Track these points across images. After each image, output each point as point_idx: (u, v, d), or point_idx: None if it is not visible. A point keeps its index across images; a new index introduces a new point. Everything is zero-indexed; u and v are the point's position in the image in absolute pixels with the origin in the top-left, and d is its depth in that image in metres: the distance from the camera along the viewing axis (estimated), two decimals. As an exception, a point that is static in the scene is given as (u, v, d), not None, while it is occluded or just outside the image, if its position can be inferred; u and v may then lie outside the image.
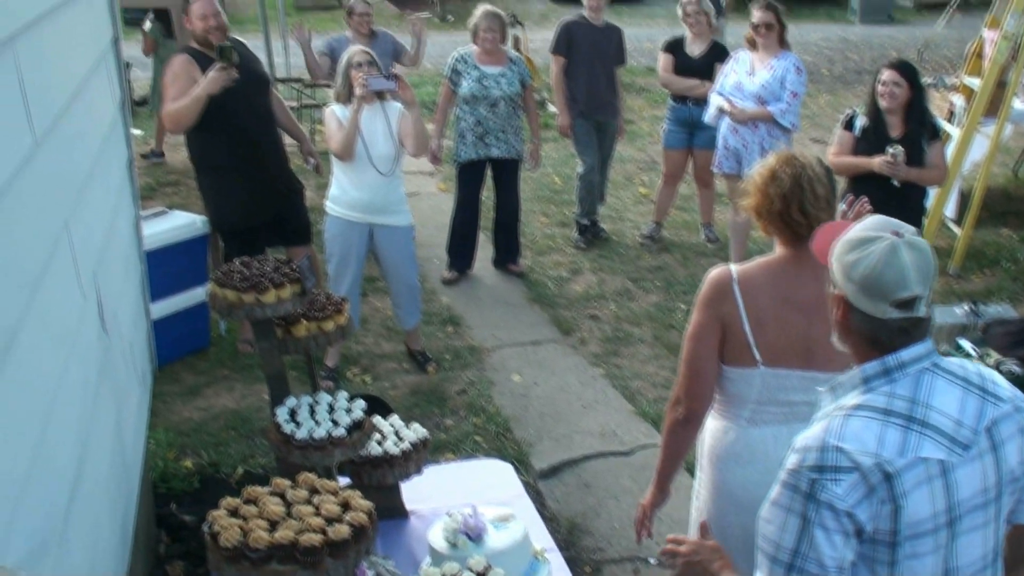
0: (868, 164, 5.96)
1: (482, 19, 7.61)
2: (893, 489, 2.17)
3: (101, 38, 4.55)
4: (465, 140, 7.71)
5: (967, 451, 2.23)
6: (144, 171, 10.51)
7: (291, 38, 8.47)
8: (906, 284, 2.22)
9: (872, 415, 2.23)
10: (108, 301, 3.83)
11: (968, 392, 2.29)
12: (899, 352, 2.27)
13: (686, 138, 8.40)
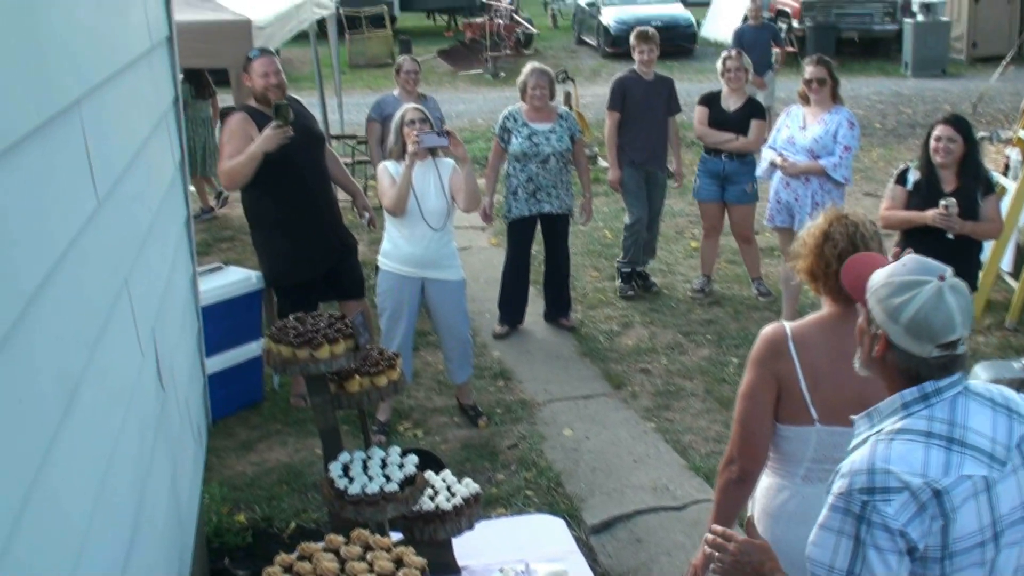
0: (921, 218, 5.93)
1: (530, 76, 7.68)
2: (943, 505, 2.24)
3: (162, 99, 4.66)
4: (517, 197, 7.77)
5: (1004, 467, 2.33)
6: (200, 227, 10.67)
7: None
8: (953, 327, 2.31)
9: (915, 437, 2.31)
10: (165, 356, 3.89)
11: (997, 412, 2.38)
12: (938, 380, 2.36)
13: (718, 191, 8.41)
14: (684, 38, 23.73)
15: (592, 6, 25.18)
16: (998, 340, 7.61)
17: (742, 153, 8.25)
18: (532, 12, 29.16)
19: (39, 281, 2.19)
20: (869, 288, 2.49)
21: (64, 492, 2.29)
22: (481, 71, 22.16)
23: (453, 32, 28.34)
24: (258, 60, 6.16)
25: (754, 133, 8.16)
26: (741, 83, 8.32)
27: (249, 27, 6.63)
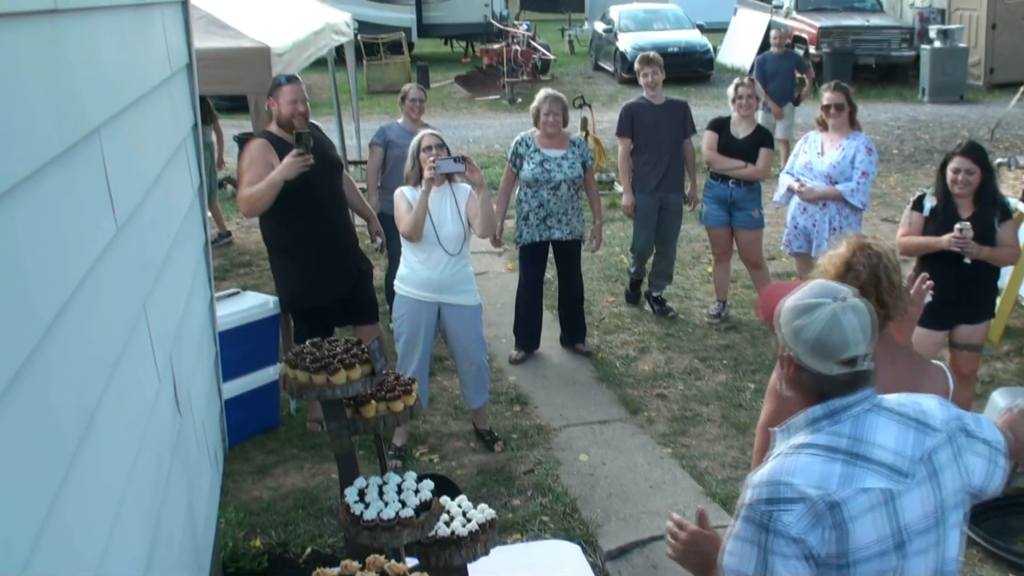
0: (937, 243, 5.91)
1: (543, 102, 7.70)
2: (837, 516, 2.37)
3: (181, 126, 4.71)
4: (528, 222, 7.79)
5: (909, 479, 2.45)
6: (218, 252, 10.73)
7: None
8: (849, 346, 2.47)
9: (817, 452, 2.45)
10: (182, 381, 3.91)
11: (906, 426, 2.51)
12: (844, 398, 2.49)
13: (725, 217, 8.40)
14: (701, 64, 23.82)
15: (609, 32, 25.29)
16: (1017, 367, 7.58)
17: (749, 180, 8.26)
18: (549, 38, 29.29)
19: (58, 306, 2.21)
20: (776, 313, 2.63)
21: (82, 516, 2.30)
22: (498, 97, 22.25)
23: (470, 58, 28.53)
24: (287, 87, 6.21)
25: (763, 161, 8.17)
26: (752, 110, 8.34)
27: (268, 54, 6.68)
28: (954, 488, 2.52)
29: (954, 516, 2.53)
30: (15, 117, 2.02)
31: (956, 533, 2.55)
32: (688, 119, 8.70)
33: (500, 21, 27.72)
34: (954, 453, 2.55)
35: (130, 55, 3.49)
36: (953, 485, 2.52)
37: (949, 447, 2.55)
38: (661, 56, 8.84)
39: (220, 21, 6.75)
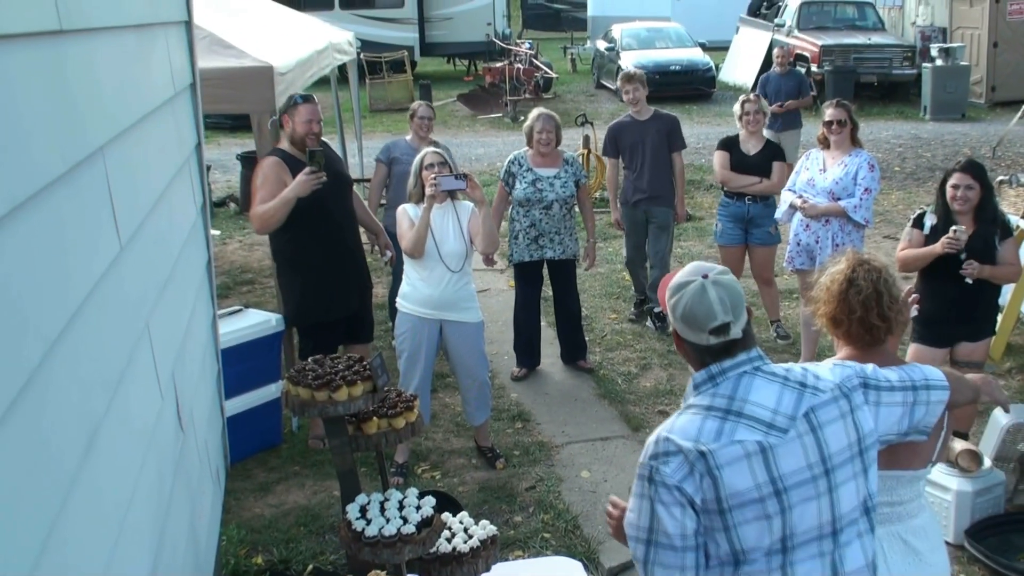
0: (932, 250, 5.92)
1: (536, 121, 7.72)
2: (708, 464, 2.63)
3: (185, 145, 4.74)
4: (518, 242, 7.81)
5: (785, 434, 2.68)
6: (221, 270, 10.76)
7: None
8: (714, 316, 2.72)
9: (697, 411, 2.73)
10: (185, 399, 3.92)
11: (786, 387, 2.75)
12: (721, 362, 2.76)
13: (741, 235, 8.42)
14: (703, 82, 23.87)
15: (611, 51, 25.35)
16: (1019, 384, 7.58)
17: (765, 195, 8.28)
18: (552, 57, 29.36)
19: (62, 324, 2.23)
20: (662, 295, 2.87)
21: (84, 533, 2.32)
22: (500, 115, 22.31)
23: (473, 76, 28.61)
24: (304, 106, 6.26)
25: (777, 175, 8.17)
26: (759, 126, 8.36)
27: (271, 73, 6.70)
28: (848, 442, 2.76)
29: (850, 467, 2.75)
30: (19, 137, 2.04)
31: (853, 484, 2.76)
32: (675, 133, 8.72)
33: (502, 40, 27.79)
34: (842, 411, 2.78)
35: (134, 75, 3.52)
36: (843, 440, 2.75)
37: (835, 406, 2.77)
38: (663, 74, 8.91)
39: (223, 41, 6.78)
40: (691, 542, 2.67)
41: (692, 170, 15.77)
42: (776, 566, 2.69)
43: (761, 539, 2.67)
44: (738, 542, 2.67)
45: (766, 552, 2.68)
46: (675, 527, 2.66)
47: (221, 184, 15.30)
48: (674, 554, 2.68)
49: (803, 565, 2.70)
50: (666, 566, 2.70)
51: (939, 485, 5.58)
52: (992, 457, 5.86)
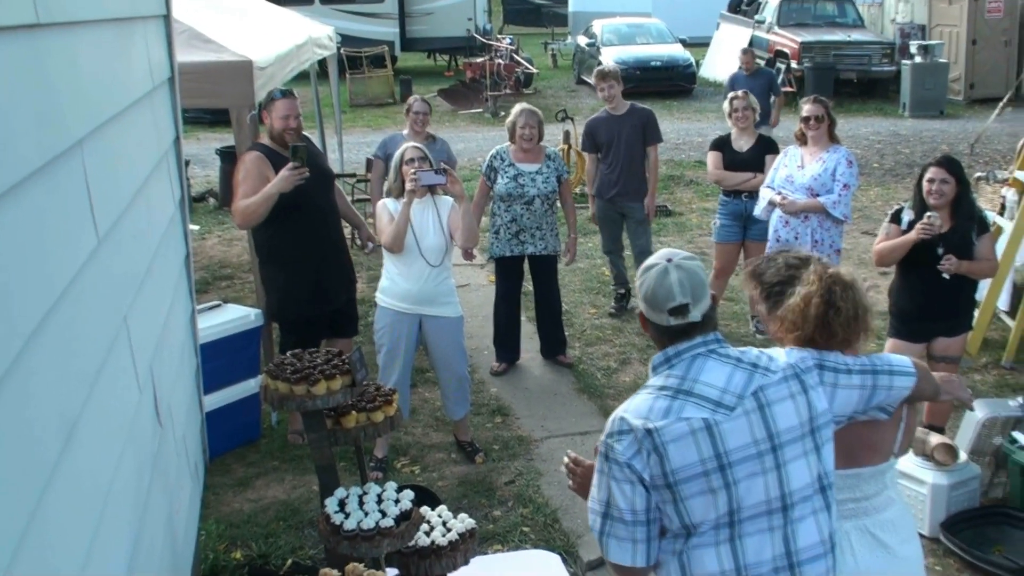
0: (907, 239, 5.95)
1: (519, 116, 7.72)
2: (654, 441, 2.76)
3: (163, 139, 4.72)
4: (499, 236, 7.82)
5: (732, 411, 2.80)
6: (200, 265, 10.73)
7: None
8: (673, 296, 2.86)
9: (651, 391, 2.88)
10: (163, 394, 3.92)
11: (738, 368, 2.87)
12: (677, 344, 2.90)
13: (739, 232, 8.44)
14: (683, 78, 23.93)
15: (592, 46, 25.37)
16: (995, 378, 7.63)
17: None
18: (532, 52, 29.36)
19: (39, 318, 2.23)
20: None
21: (62, 527, 2.32)
22: (481, 110, 22.30)
23: (453, 72, 28.57)
24: (281, 101, 6.24)
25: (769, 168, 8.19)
26: (749, 122, 8.38)
27: (251, 68, 6.69)
28: (799, 420, 2.85)
29: (800, 445, 2.84)
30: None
31: (804, 462, 2.84)
32: (651, 126, 8.77)
33: (483, 35, 27.79)
34: (793, 391, 2.87)
35: (112, 69, 3.51)
36: (793, 418, 2.84)
37: (785, 385, 2.87)
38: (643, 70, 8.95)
39: (202, 35, 6.77)
40: (641, 517, 2.82)
41: (672, 166, 15.82)
42: (724, 538, 2.81)
43: (708, 512, 2.79)
44: (687, 515, 2.80)
45: (714, 525, 2.80)
46: (626, 503, 2.81)
47: (200, 179, 15.25)
48: (625, 527, 2.83)
49: (752, 539, 2.81)
50: (619, 538, 2.84)
51: (915, 479, 5.63)
52: (968, 451, 5.91)
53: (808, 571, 2.83)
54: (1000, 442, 5.86)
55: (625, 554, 2.84)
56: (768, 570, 2.80)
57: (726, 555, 2.80)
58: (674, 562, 2.86)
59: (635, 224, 8.84)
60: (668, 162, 15.83)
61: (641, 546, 2.83)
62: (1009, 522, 5.58)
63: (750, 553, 2.80)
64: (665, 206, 13.16)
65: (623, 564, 2.86)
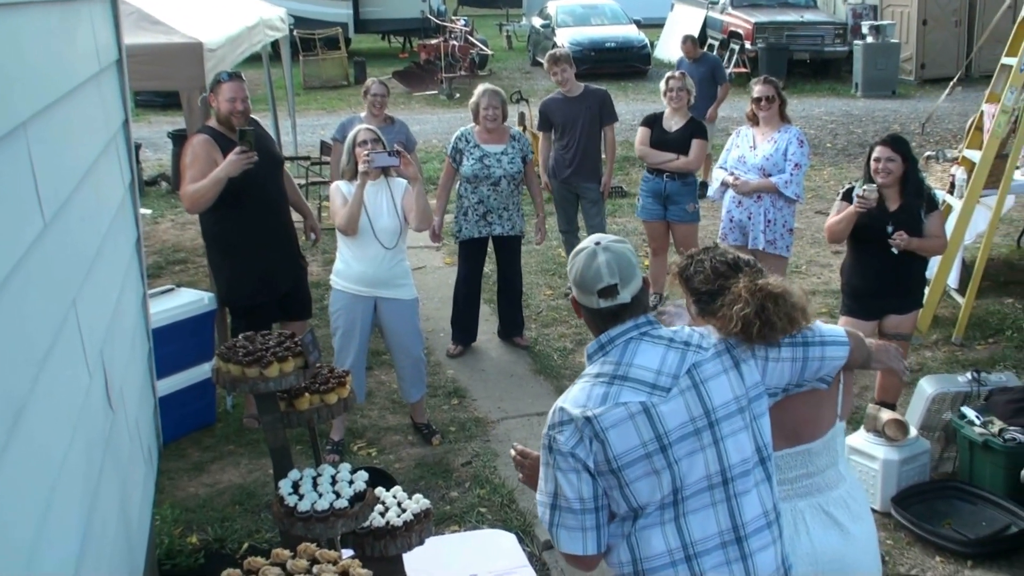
0: (848, 212, 6.01)
1: (482, 97, 7.71)
2: (595, 428, 2.78)
3: (111, 121, 4.67)
4: (467, 218, 7.81)
5: (668, 392, 2.82)
6: (153, 250, 10.64)
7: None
8: (601, 278, 2.88)
9: (588, 380, 2.89)
10: (114, 378, 3.89)
11: (671, 348, 2.89)
12: (609, 331, 2.91)
13: (660, 210, 8.46)
14: (638, 59, 23.96)
15: (547, 27, 25.35)
16: (945, 355, 7.73)
17: (683, 173, 8.33)
18: (487, 34, 29.29)
19: (-17, 301, 2.21)
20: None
21: (9, 512, 2.30)
22: (436, 92, 22.23)
23: (408, 53, 28.46)
24: (227, 84, 6.15)
25: (694, 152, 8.22)
26: (683, 103, 8.40)
27: (200, 50, 6.63)
28: (733, 395, 2.87)
29: (738, 419, 2.87)
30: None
31: (744, 435, 2.87)
32: (607, 107, 8.78)
33: (438, 16, 27.67)
34: (726, 366, 2.89)
35: (57, 50, 3.47)
36: (727, 393, 2.86)
37: (718, 361, 2.89)
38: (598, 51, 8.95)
39: (151, 16, 6.70)
40: (589, 505, 2.84)
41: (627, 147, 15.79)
42: (669, 518, 2.84)
43: (653, 494, 2.81)
44: (633, 499, 2.82)
45: (659, 505, 2.83)
46: (573, 492, 2.83)
47: (152, 162, 15.11)
48: (574, 516, 2.85)
49: (697, 515, 2.84)
50: (569, 528, 2.86)
51: (866, 455, 5.69)
52: (918, 426, 5.99)
53: (755, 542, 2.85)
54: (949, 417, 5.95)
55: (576, 543, 2.86)
56: (715, 544, 2.83)
57: (672, 533, 2.83)
58: (623, 545, 2.88)
59: (589, 204, 8.87)
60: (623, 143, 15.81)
61: (591, 534, 2.85)
62: (958, 496, 5.66)
63: (696, 529, 2.83)
64: (620, 187, 13.20)
65: (575, 553, 2.88)
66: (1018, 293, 8.93)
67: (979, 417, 5.73)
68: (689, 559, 2.83)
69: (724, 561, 2.83)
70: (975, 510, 5.53)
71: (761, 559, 2.87)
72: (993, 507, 5.50)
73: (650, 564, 2.84)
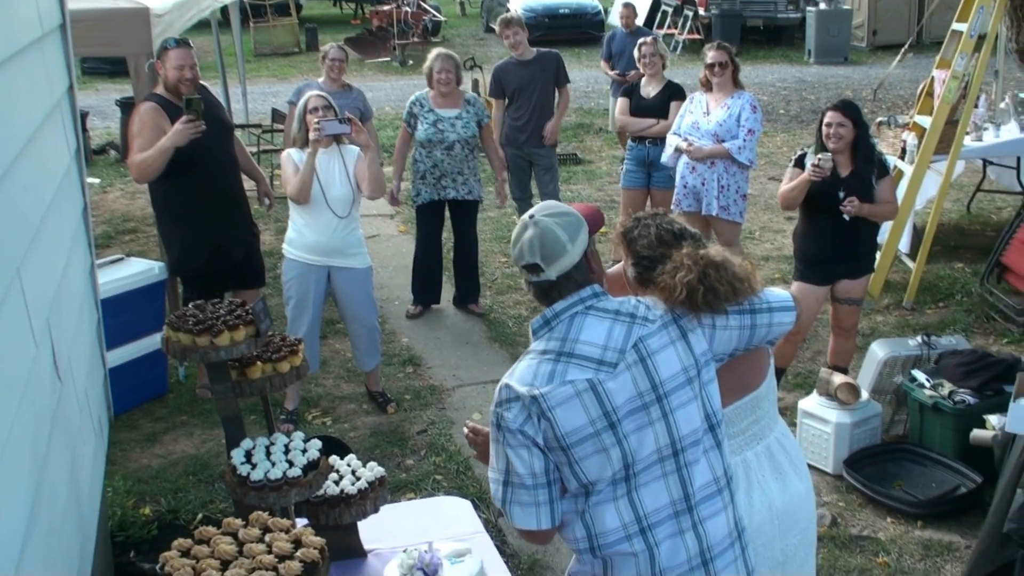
0: (802, 180, 6.04)
1: (435, 61, 7.67)
2: (541, 407, 2.76)
3: (55, 88, 4.57)
4: (425, 182, 7.78)
5: (615, 368, 2.78)
6: (102, 219, 10.50)
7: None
8: (523, 255, 2.87)
9: (534, 356, 2.85)
10: (62, 348, 3.83)
11: (616, 322, 2.85)
12: (554, 305, 2.87)
13: (644, 178, 8.48)
14: (592, 25, 23.85)
15: (500, -7, 25.21)
16: (896, 319, 7.81)
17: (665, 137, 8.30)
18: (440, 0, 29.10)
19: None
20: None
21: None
22: (388, 59, 22.06)
23: (360, 20, 28.18)
24: (174, 51, 6.03)
25: (672, 115, 8.22)
26: (658, 68, 8.40)
27: (147, 15, 6.51)
28: (681, 366, 2.83)
29: (688, 390, 2.83)
30: None
31: (693, 406, 2.84)
32: (560, 70, 8.84)
33: (390, -18, 27.42)
34: (672, 337, 2.85)
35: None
36: (675, 365, 2.83)
37: (665, 332, 2.85)
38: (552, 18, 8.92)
39: (96, -20, 6.57)
40: (542, 480, 2.82)
41: (581, 114, 15.85)
42: (622, 493, 2.82)
43: (603, 471, 2.80)
44: (583, 475, 2.81)
45: (611, 481, 2.81)
46: (524, 467, 2.81)
47: (100, 131, 14.90)
48: (526, 492, 2.83)
49: (648, 488, 2.83)
50: (522, 504, 2.84)
51: (819, 418, 5.75)
52: (869, 390, 6.05)
53: (704, 509, 2.86)
54: (900, 381, 6.01)
55: (530, 518, 2.84)
56: (668, 515, 2.83)
57: (625, 508, 2.82)
58: (578, 522, 2.88)
59: (543, 171, 8.86)
60: (577, 110, 15.85)
61: (545, 508, 2.84)
62: (909, 458, 5.73)
63: (648, 502, 2.82)
64: (575, 154, 13.18)
65: (530, 528, 2.87)
66: (968, 258, 9.03)
67: (929, 380, 5.79)
68: (643, 531, 2.83)
69: (677, 531, 2.83)
70: (925, 472, 5.61)
71: (712, 525, 2.87)
72: (943, 468, 5.57)
73: (605, 539, 2.84)
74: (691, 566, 2.84)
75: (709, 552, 2.86)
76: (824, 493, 5.54)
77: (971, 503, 5.34)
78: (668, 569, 2.83)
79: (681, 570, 2.83)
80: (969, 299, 8.09)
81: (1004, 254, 7.91)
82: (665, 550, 2.82)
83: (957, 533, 5.19)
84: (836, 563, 4.94)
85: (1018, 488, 4.44)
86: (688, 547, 2.84)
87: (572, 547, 2.94)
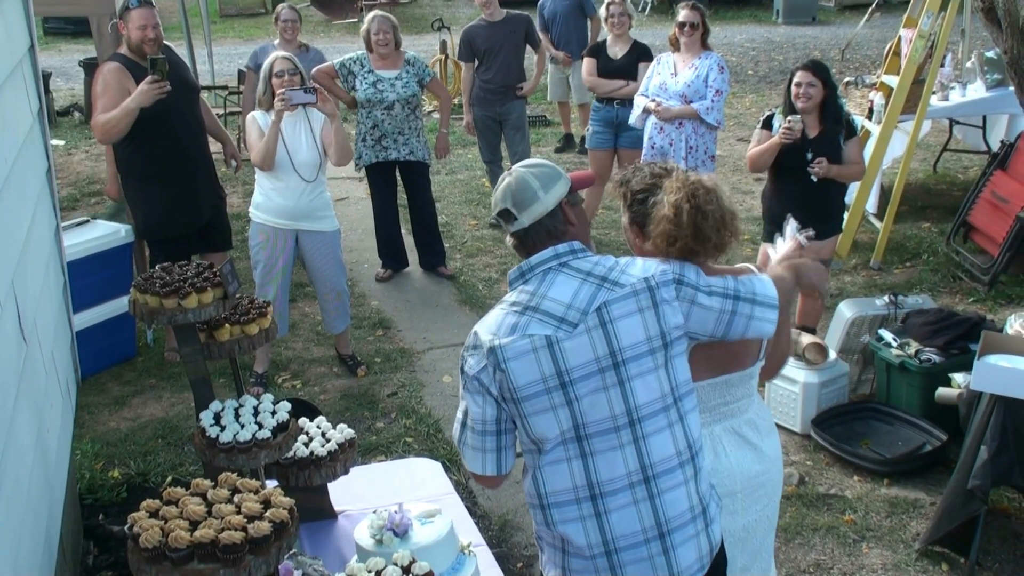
0: (773, 142, 6.06)
1: (372, 23, 7.60)
2: (498, 358, 2.80)
3: (16, 48, 4.50)
4: (365, 143, 7.75)
5: (574, 328, 2.80)
6: (68, 181, 10.40)
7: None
8: (498, 201, 2.96)
9: (504, 307, 2.89)
10: (27, 310, 3.80)
11: (585, 282, 2.85)
12: (529, 258, 2.92)
13: (611, 139, 8.44)
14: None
15: (469, -46, 25.00)
16: (863, 279, 7.85)
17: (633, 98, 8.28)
18: (408, -39, 28.83)
19: None
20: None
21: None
22: (356, 20, 21.83)
23: (327, -19, 27.87)
24: (137, 11, 5.95)
25: (642, 75, 8.18)
26: (625, 28, 8.35)
27: (110, -26, 6.44)
28: (645, 335, 2.82)
29: (648, 360, 2.82)
30: None
31: (653, 376, 2.83)
32: (531, 31, 8.89)
33: (357, -58, 27.13)
34: (641, 305, 2.83)
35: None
36: (639, 334, 2.82)
37: (632, 300, 2.83)
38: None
39: (57, -62, 6.47)
40: (491, 428, 2.90)
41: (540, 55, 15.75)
42: (575, 454, 2.84)
43: (551, 429, 2.83)
44: (531, 430, 2.85)
45: (560, 441, 2.84)
46: (478, 413, 2.89)
47: (64, 92, 14.70)
48: (476, 437, 2.92)
49: (604, 456, 2.83)
50: (472, 447, 2.94)
51: (787, 378, 5.78)
52: (837, 349, 6.10)
53: (664, 482, 2.84)
54: (867, 340, 6.05)
55: (476, 463, 2.94)
56: (623, 485, 2.83)
57: (578, 471, 2.83)
58: (530, 478, 2.93)
59: (512, 131, 8.83)
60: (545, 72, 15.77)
61: (491, 455, 2.92)
62: (876, 416, 5.79)
63: (603, 470, 2.82)
64: (543, 116, 13.14)
65: (475, 472, 2.97)
66: (934, 217, 9.08)
67: (896, 339, 5.84)
68: (594, 498, 2.83)
69: (631, 501, 2.82)
70: (892, 430, 5.67)
71: (670, 498, 2.84)
72: (909, 427, 5.63)
73: (555, 499, 2.87)
74: (646, 537, 2.83)
75: (666, 525, 2.84)
76: (792, 452, 5.58)
77: (936, 460, 5.40)
78: (620, 538, 2.83)
79: (634, 539, 2.83)
80: (935, 258, 8.14)
81: (970, 213, 7.98)
82: (616, 519, 2.82)
83: (923, 490, 5.25)
84: (803, 521, 4.99)
85: (982, 445, 4.50)
86: (642, 518, 2.83)
87: (527, 502, 2.98)
